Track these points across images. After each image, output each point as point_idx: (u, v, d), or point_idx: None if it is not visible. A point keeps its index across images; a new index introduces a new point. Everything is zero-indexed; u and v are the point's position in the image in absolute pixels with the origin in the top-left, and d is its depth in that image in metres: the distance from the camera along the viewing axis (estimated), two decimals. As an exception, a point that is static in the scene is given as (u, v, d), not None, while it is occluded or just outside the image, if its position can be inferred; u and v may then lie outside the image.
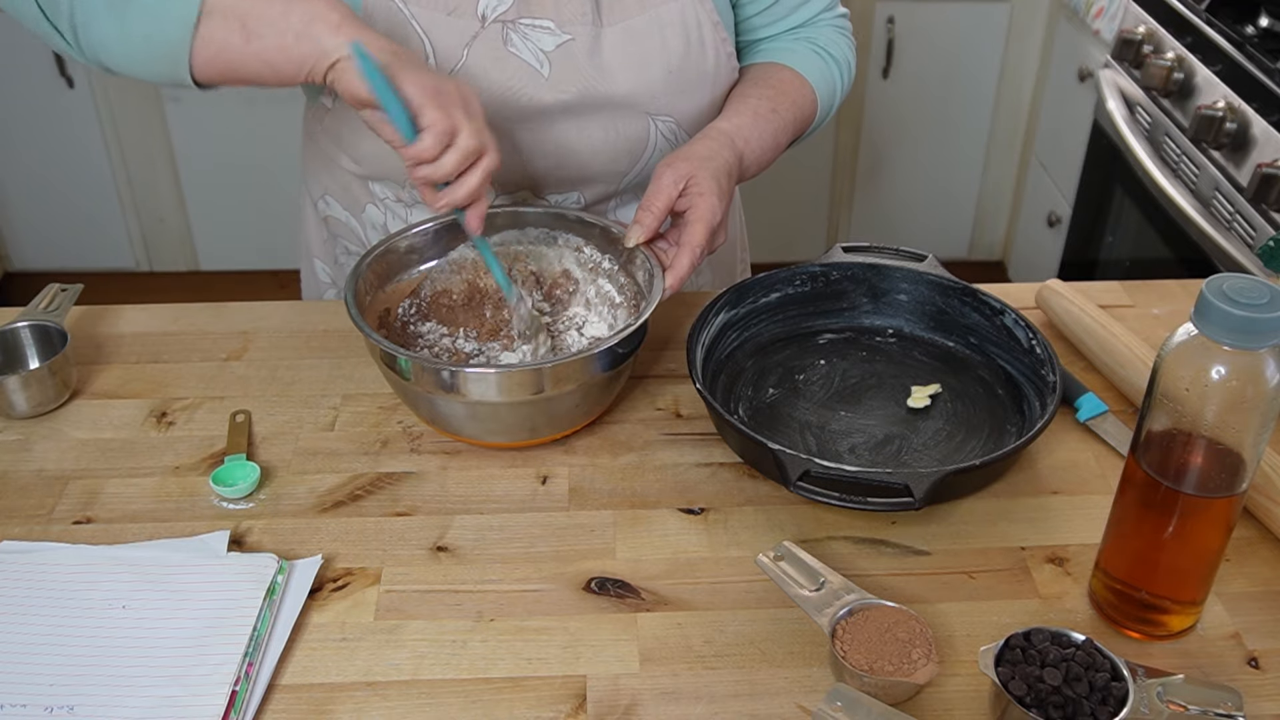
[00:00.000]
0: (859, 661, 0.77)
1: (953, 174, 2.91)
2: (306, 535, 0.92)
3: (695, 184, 1.01)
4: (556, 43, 1.05)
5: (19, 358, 1.08)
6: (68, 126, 2.73)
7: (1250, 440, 0.74)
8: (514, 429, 0.98)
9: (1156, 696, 0.73)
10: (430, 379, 0.93)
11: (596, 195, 1.17)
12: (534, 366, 0.94)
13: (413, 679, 0.80)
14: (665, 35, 1.08)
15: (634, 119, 1.11)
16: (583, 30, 1.06)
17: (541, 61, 1.05)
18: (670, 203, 1.01)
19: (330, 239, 1.28)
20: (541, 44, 1.05)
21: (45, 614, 0.84)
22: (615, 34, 1.07)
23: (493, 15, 1.04)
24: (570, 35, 1.06)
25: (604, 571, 0.89)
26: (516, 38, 1.05)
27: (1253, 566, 0.90)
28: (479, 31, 1.04)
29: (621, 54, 1.07)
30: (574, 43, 1.06)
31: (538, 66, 1.05)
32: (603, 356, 0.95)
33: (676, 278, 1.00)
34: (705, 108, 1.14)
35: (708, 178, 1.01)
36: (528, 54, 1.05)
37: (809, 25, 1.21)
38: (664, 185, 1.01)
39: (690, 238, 1.00)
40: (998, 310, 1.07)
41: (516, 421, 0.97)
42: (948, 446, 1.00)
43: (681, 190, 1.01)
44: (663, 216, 1.01)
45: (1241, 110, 1.74)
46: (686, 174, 1.01)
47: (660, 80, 1.09)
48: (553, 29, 1.05)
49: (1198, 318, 0.72)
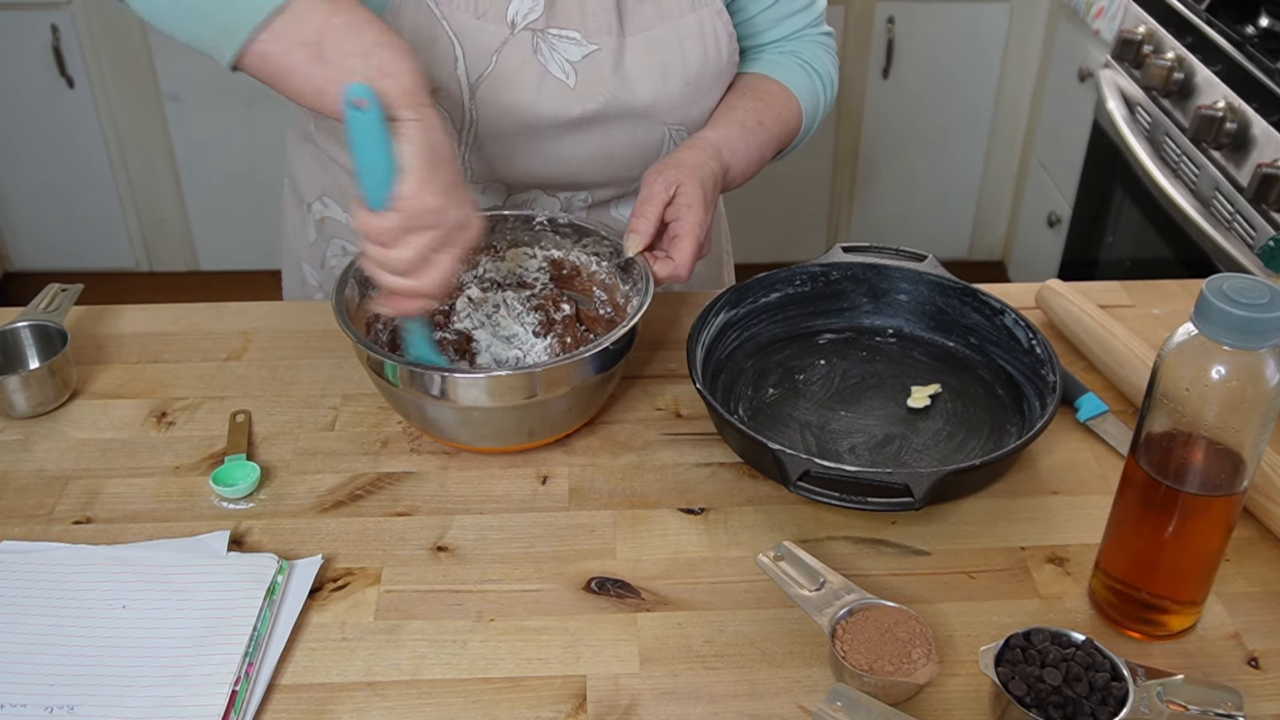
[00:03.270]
0: (859, 661, 0.77)
1: (953, 174, 2.91)
2: (306, 535, 0.92)
3: (683, 193, 1.02)
4: (583, 53, 1.06)
5: (19, 358, 1.08)
6: (68, 126, 2.73)
7: (1250, 440, 0.74)
8: (505, 433, 0.97)
9: (1156, 696, 0.73)
10: (419, 385, 0.93)
11: (604, 196, 1.18)
12: (525, 370, 0.94)
13: (413, 679, 0.80)
14: (684, 46, 1.09)
15: (652, 128, 1.12)
16: (607, 41, 1.06)
17: (568, 73, 1.05)
18: (663, 209, 1.02)
19: (320, 241, 1.27)
20: (568, 54, 1.05)
21: (45, 614, 0.84)
22: (637, 44, 1.07)
23: (522, 22, 1.04)
24: (596, 45, 1.06)
25: (604, 571, 0.89)
26: (545, 48, 1.05)
27: (1253, 566, 0.90)
28: (508, 38, 1.04)
29: (643, 64, 1.08)
30: (600, 53, 1.06)
31: (564, 78, 1.05)
32: (594, 360, 0.94)
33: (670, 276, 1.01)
34: (709, 114, 1.14)
35: (695, 187, 1.02)
36: (555, 66, 1.05)
37: (794, 39, 1.21)
38: (655, 192, 1.02)
39: (680, 252, 1.01)
40: (998, 310, 1.07)
41: (509, 426, 0.96)
42: (948, 446, 1.00)
43: (669, 198, 1.02)
44: (657, 223, 1.02)
45: (1241, 110, 1.74)
46: (675, 181, 1.02)
47: (679, 91, 1.10)
48: (579, 39, 1.05)
49: (1198, 318, 0.72)
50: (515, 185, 1.14)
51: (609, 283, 1.09)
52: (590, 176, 1.14)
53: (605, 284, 1.09)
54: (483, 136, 1.07)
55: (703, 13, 1.09)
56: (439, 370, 0.93)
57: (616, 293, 1.08)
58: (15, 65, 2.65)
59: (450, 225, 0.85)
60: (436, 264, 0.87)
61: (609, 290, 1.09)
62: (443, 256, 0.87)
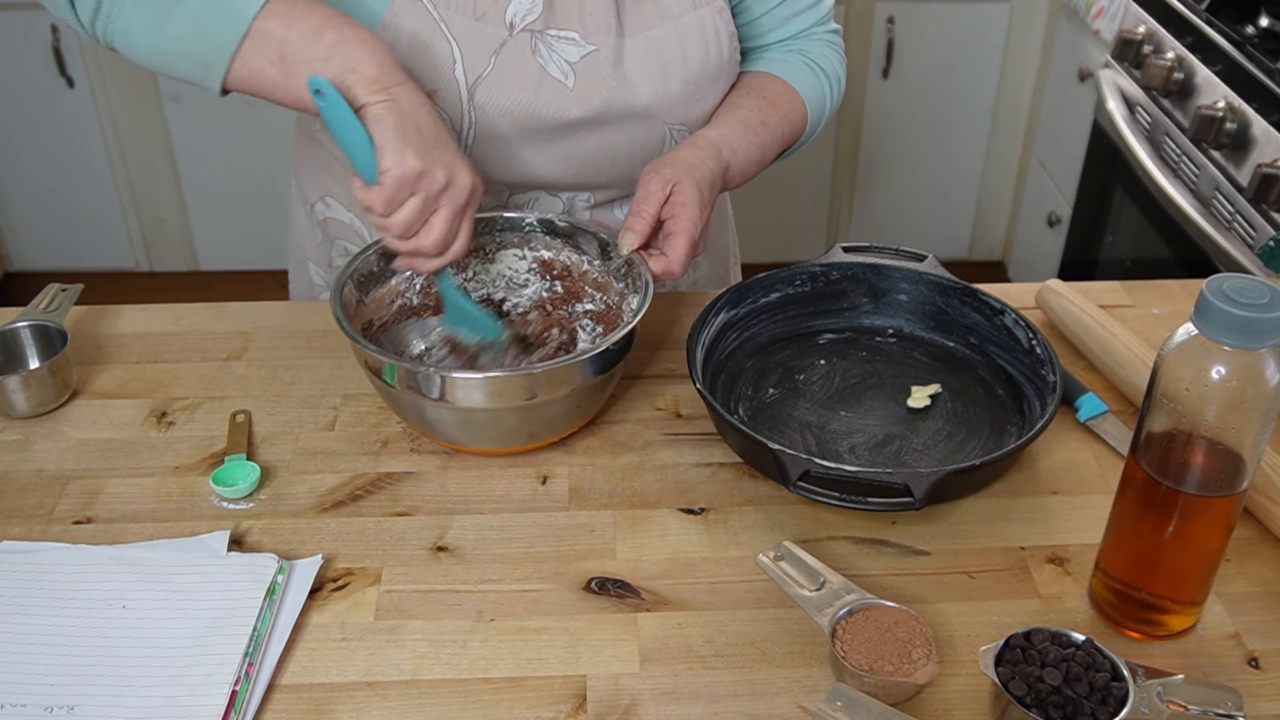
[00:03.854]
0: (859, 661, 0.77)
1: (953, 174, 2.91)
2: (306, 535, 0.92)
3: (679, 192, 1.01)
4: (581, 54, 1.05)
5: (19, 358, 1.08)
6: (68, 126, 2.73)
7: (1250, 440, 0.74)
8: (507, 435, 0.97)
9: (1156, 696, 0.73)
10: (417, 386, 0.93)
11: (606, 196, 1.18)
12: (525, 372, 0.94)
13: (413, 679, 0.80)
14: (684, 45, 1.08)
15: (653, 128, 1.11)
16: (606, 41, 1.06)
17: (566, 74, 1.05)
18: (659, 208, 1.02)
19: (326, 242, 1.27)
20: (567, 55, 1.05)
21: (45, 614, 0.84)
22: (637, 44, 1.07)
23: (521, 24, 1.04)
24: (595, 46, 1.06)
25: (604, 571, 0.89)
26: (544, 49, 1.05)
27: (1253, 566, 0.90)
28: (506, 39, 1.04)
29: (642, 64, 1.07)
30: (598, 54, 1.06)
31: (563, 79, 1.05)
32: (594, 361, 0.94)
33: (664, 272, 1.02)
34: (711, 113, 1.14)
35: (691, 186, 1.02)
36: (553, 67, 1.05)
37: (801, 37, 1.21)
38: (652, 190, 1.02)
39: (674, 250, 1.01)
40: (998, 310, 1.07)
41: (513, 426, 0.96)
42: (948, 446, 1.00)
43: (666, 197, 1.02)
44: (653, 222, 1.02)
45: (1241, 110, 1.74)
46: (672, 180, 1.02)
47: (679, 90, 1.09)
48: (577, 40, 1.05)
49: (1198, 318, 0.72)
50: (516, 186, 1.14)
51: (602, 282, 1.09)
52: (592, 177, 1.13)
53: (598, 283, 1.09)
54: (482, 138, 1.07)
55: (703, 11, 1.09)
56: (438, 371, 0.93)
57: (611, 291, 1.08)
58: (15, 65, 2.65)
59: (437, 186, 0.91)
60: (433, 224, 0.93)
61: (603, 289, 1.09)
62: (438, 216, 0.93)
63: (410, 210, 0.91)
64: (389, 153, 0.89)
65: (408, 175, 0.89)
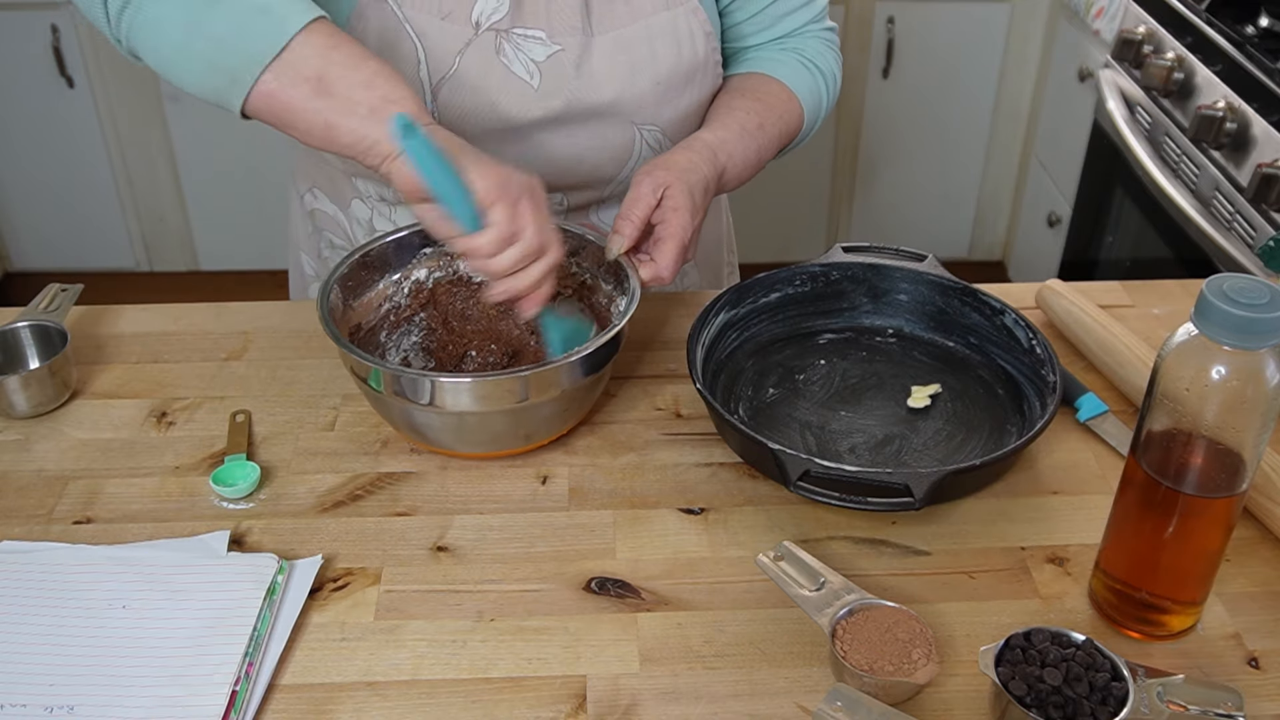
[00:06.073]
0: (859, 661, 0.77)
1: (952, 174, 2.91)
2: (306, 535, 0.92)
3: (670, 196, 1.01)
4: (547, 53, 1.05)
5: (19, 358, 1.08)
6: (68, 126, 2.73)
7: (1250, 440, 0.74)
8: (497, 438, 0.96)
9: (1157, 696, 0.73)
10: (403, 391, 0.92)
11: (581, 200, 1.17)
12: (514, 375, 0.92)
13: (413, 679, 0.80)
14: (655, 45, 1.07)
15: (620, 128, 1.10)
16: (573, 40, 1.05)
17: (532, 73, 1.05)
18: (649, 211, 1.01)
19: (315, 232, 1.27)
20: (533, 54, 1.05)
21: (45, 614, 0.84)
22: (605, 43, 1.06)
23: (487, 23, 1.03)
24: (560, 45, 1.05)
25: (604, 571, 0.89)
26: (509, 48, 1.04)
27: (1253, 566, 0.90)
28: (472, 39, 1.03)
29: (609, 63, 1.07)
30: (563, 53, 1.05)
31: (528, 79, 1.05)
32: (582, 362, 0.94)
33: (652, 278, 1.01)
34: (690, 114, 1.13)
35: (683, 191, 1.01)
36: (519, 66, 1.04)
37: (796, 35, 1.20)
38: (643, 194, 1.01)
39: (663, 255, 1.00)
40: (998, 310, 1.07)
41: (504, 430, 0.95)
42: (948, 446, 1.00)
43: (657, 201, 1.01)
44: (642, 225, 1.01)
45: (1241, 110, 1.74)
46: (664, 183, 1.01)
47: (648, 90, 1.09)
48: (544, 39, 1.05)
49: (1198, 318, 0.72)
50: None
51: (590, 283, 1.08)
52: (561, 178, 1.12)
53: (586, 285, 1.09)
54: None
55: (677, 10, 1.08)
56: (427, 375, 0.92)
57: (599, 293, 1.07)
58: (15, 65, 2.65)
59: (540, 219, 0.90)
60: (540, 263, 0.92)
61: (591, 291, 1.08)
62: (537, 265, 0.91)
63: (514, 257, 0.90)
64: (488, 190, 0.88)
65: (513, 228, 0.89)
